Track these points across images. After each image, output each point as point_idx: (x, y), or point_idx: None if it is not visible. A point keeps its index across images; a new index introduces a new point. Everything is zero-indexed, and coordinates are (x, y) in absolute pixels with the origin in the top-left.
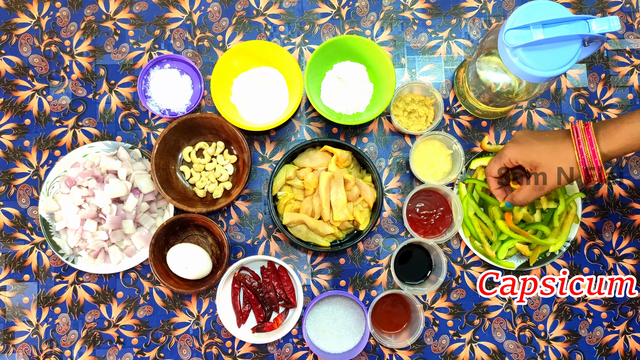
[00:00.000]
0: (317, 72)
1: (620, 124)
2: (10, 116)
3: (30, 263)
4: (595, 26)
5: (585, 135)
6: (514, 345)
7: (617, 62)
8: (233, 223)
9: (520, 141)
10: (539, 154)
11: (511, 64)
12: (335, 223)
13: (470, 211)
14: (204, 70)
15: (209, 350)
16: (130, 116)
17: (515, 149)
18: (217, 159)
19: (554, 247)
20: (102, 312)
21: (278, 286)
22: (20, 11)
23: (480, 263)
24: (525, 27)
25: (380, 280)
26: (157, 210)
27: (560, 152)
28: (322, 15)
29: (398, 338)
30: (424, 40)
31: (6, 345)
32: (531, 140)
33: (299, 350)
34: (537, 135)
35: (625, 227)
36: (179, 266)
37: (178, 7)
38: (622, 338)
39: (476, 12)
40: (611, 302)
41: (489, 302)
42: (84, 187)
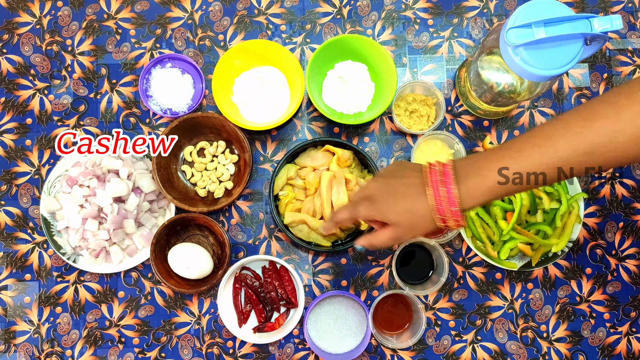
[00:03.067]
0: (318, 71)
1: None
2: (12, 115)
3: (32, 262)
4: (597, 25)
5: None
6: (516, 346)
7: (620, 61)
8: (234, 223)
9: (376, 199)
10: (396, 215)
11: (513, 63)
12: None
13: (472, 211)
14: (205, 69)
15: (210, 350)
16: (132, 115)
17: (371, 208)
18: (219, 158)
19: (556, 247)
20: (104, 311)
21: (279, 286)
22: (22, 10)
23: (482, 263)
24: (527, 26)
25: (381, 280)
26: (158, 209)
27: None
28: (323, 14)
29: (399, 338)
30: (425, 39)
31: (7, 344)
32: (387, 198)
33: (300, 350)
34: (393, 190)
35: (628, 227)
36: (180, 266)
37: (179, 6)
38: (625, 339)
39: (478, 11)
40: (614, 302)
41: (491, 302)
42: (85, 186)
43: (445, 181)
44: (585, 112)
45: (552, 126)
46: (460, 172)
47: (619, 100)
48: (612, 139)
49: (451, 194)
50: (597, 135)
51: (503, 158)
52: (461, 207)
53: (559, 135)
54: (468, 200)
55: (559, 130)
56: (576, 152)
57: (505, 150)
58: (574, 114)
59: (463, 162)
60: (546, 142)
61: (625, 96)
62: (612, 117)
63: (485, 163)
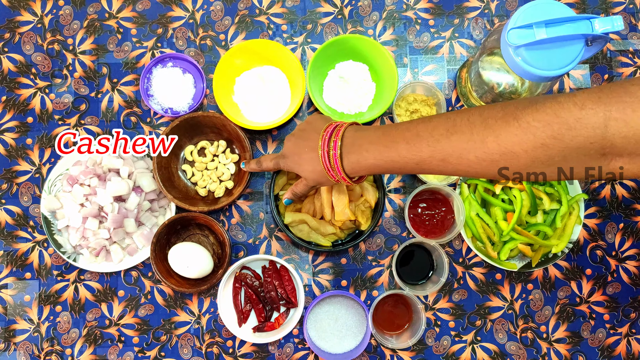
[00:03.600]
0: (319, 71)
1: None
2: (13, 114)
3: (32, 261)
4: (598, 26)
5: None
6: (515, 346)
7: (621, 62)
8: (235, 222)
9: (288, 157)
10: (303, 172)
11: (514, 64)
12: (337, 223)
13: (472, 211)
14: (206, 69)
15: (209, 349)
16: (133, 115)
17: (286, 164)
18: (219, 158)
19: (556, 248)
20: (103, 310)
21: (279, 286)
22: (23, 9)
23: (482, 264)
24: (528, 27)
25: (381, 280)
26: (158, 209)
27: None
28: (324, 14)
29: (399, 339)
30: (426, 40)
31: (7, 343)
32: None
33: (300, 350)
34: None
35: (629, 228)
36: (180, 265)
37: (181, 5)
38: (624, 340)
39: (479, 12)
40: (614, 303)
41: (491, 303)
42: (86, 185)
43: (333, 153)
44: (449, 123)
45: (423, 126)
46: (346, 145)
47: (475, 121)
48: (462, 155)
49: (337, 164)
50: (451, 147)
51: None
52: (347, 174)
53: (424, 138)
54: (351, 171)
55: (425, 133)
56: (432, 157)
57: (385, 135)
58: (441, 122)
59: (351, 137)
60: (414, 140)
61: (480, 118)
62: (466, 134)
63: (366, 144)
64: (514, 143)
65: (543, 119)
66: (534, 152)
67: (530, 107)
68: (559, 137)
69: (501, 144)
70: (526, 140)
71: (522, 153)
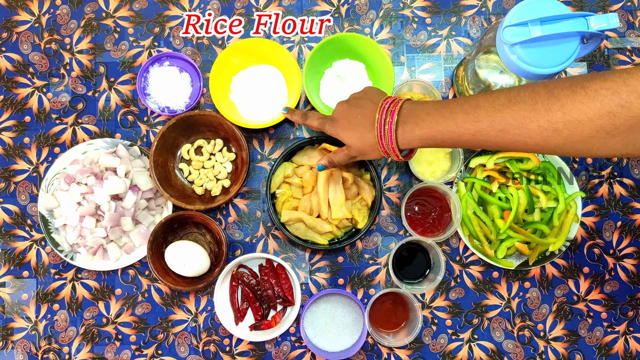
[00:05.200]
0: (316, 70)
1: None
2: (11, 113)
3: (30, 260)
4: (593, 23)
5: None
6: (512, 345)
7: (618, 60)
8: (231, 221)
9: (337, 122)
10: (349, 138)
11: (509, 62)
12: (334, 221)
13: (469, 210)
14: (203, 68)
15: (206, 347)
16: (130, 114)
17: (333, 128)
18: (216, 156)
19: (553, 246)
20: (101, 309)
21: (276, 284)
22: (20, 9)
23: (479, 262)
24: (523, 24)
25: (378, 278)
26: (155, 207)
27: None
28: (321, 13)
29: (396, 337)
30: (423, 38)
31: (5, 341)
32: (345, 123)
33: (297, 348)
34: (351, 116)
35: (626, 226)
36: (177, 263)
37: (178, 5)
38: (622, 338)
39: (476, 10)
40: (611, 302)
41: (488, 301)
42: (83, 184)
43: (389, 121)
44: (511, 94)
45: (484, 98)
46: (403, 115)
47: (540, 91)
48: (523, 124)
49: (390, 133)
50: (512, 116)
51: (437, 115)
52: (398, 146)
53: (484, 108)
54: (403, 142)
55: (486, 103)
56: (491, 127)
57: (443, 107)
58: (504, 93)
59: (409, 107)
60: (474, 110)
61: (546, 89)
62: (529, 103)
63: (423, 114)
64: (579, 111)
65: (611, 87)
66: (600, 120)
67: (598, 77)
68: (626, 105)
69: (566, 112)
70: (592, 107)
71: (587, 121)
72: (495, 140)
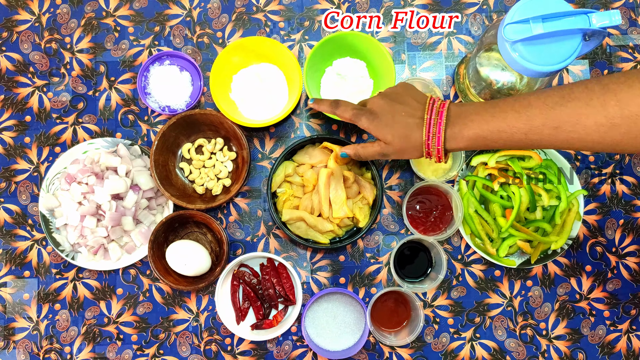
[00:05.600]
0: (316, 68)
1: (464, 127)
2: (11, 113)
3: (31, 259)
4: (595, 20)
5: (436, 131)
6: (515, 343)
7: (620, 58)
8: (232, 220)
9: (378, 116)
10: (392, 136)
11: (511, 59)
12: (335, 220)
13: (470, 208)
14: (203, 66)
15: (208, 347)
16: (130, 113)
17: (371, 122)
18: (217, 155)
19: (555, 244)
20: (102, 308)
21: (277, 283)
22: (20, 8)
23: (481, 261)
24: (524, 22)
25: (380, 277)
26: (156, 207)
27: (410, 141)
28: (321, 11)
29: (398, 336)
30: (424, 36)
31: (6, 341)
32: (388, 119)
33: (298, 347)
34: (394, 112)
35: (629, 224)
36: (178, 263)
37: (178, 3)
38: (625, 337)
39: (477, 7)
40: (614, 300)
41: (490, 300)
42: (84, 183)
43: (438, 121)
44: (564, 91)
45: (535, 97)
46: (451, 115)
47: (594, 87)
48: (579, 120)
49: (439, 134)
50: (566, 113)
51: (486, 115)
52: (444, 146)
53: (537, 106)
54: (452, 143)
55: (538, 102)
56: (545, 125)
57: (492, 107)
58: (555, 90)
59: (456, 109)
60: (525, 109)
61: (600, 84)
62: (583, 100)
63: (472, 115)
64: (637, 105)
65: None
66: None
67: None
68: None
69: (623, 107)
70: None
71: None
72: (549, 139)
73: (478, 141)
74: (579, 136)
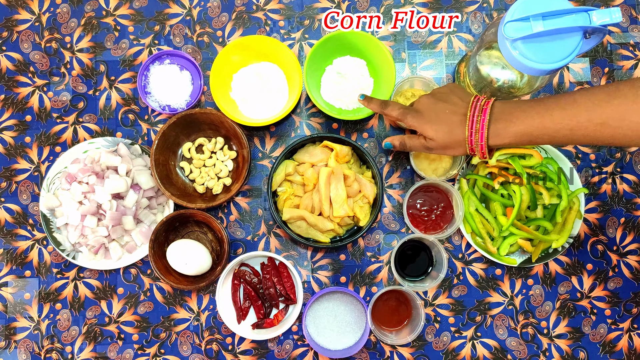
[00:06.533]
0: (316, 67)
1: (509, 123)
2: (11, 112)
3: (32, 259)
4: (596, 18)
5: (479, 128)
6: (516, 342)
7: (621, 55)
8: (233, 219)
9: (423, 114)
10: (435, 132)
11: (511, 57)
12: (335, 219)
13: (471, 207)
14: (203, 65)
15: (209, 346)
16: (130, 112)
17: (417, 120)
18: (217, 154)
19: (556, 243)
20: (103, 308)
21: (278, 282)
22: (20, 8)
23: (481, 259)
24: (525, 19)
25: (380, 276)
26: (157, 206)
27: (454, 137)
28: (322, 10)
29: (399, 335)
30: (424, 34)
31: (8, 341)
32: (432, 116)
33: (299, 346)
34: (438, 110)
35: (630, 223)
36: (179, 262)
37: (178, 2)
38: (626, 335)
39: (477, 5)
40: (615, 299)
41: (491, 298)
42: (84, 183)
43: (482, 118)
44: (610, 89)
45: (580, 94)
46: (495, 112)
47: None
48: (625, 117)
49: (482, 130)
50: (612, 110)
51: (532, 112)
52: (488, 143)
53: (582, 103)
54: (495, 139)
55: (583, 98)
56: (590, 121)
57: (538, 104)
58: (601, 88)
59: (500, 105)
60: (571, 106)
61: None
62: (630, 97)
63: (517, 112)
64: None
65: None
66: None
67: None
68: None
69: None
70: None
71: None
72: (595, 135)
73: (523, 137)
74: (624, 132)
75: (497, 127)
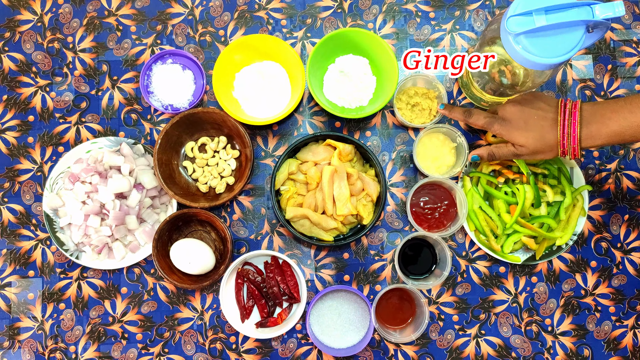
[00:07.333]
0: (319, 65)
1: (602, 125)
2: (14, 113)
3: (35, 259)
4: (599, 12)
5: (570, 131)
6: (520, 340)
7: (624, 52)
8: (236, 218)
9: (510, 122)
10: (525, 139)
11: (514, 52)
12: (339, 217)
13: (475, 204)
14: (206, 65)
15: (213, 345)
16: (133, 112)
17: (504, 128)
18: (220, 153)
19: (560, 240)
20: (107, 307)
21: (282, 281)
22: (23, 8)
23: (485, 257)
24: (527, 14)
25: (384, 274)
26: (160, 205)
27: (545, 142)
28: (324, 8)
29: (403, 333)
30: (427, 32)
31: (12, 341)
32: (520, 123)
33: (303, 345)
34: (527, 117)
35: (634, 220)
36: (183, 261)
37: (180, 2)
38: (631, 332)
39: (480, 3)
40: (619, 296)
41: (495, 296)
42: (88, 183)
43: (572, 121)
44: None
45: None
46: (585, 115)
47: None
48: None
49: (574, 133)
50: None
51: (624, 111)
52: (581, 145)
53: None
54: (588, 141)
55: None
56: None
57: (628, 103)
58: None
59: (589, 107)
60: None
61: None
62: None
63: (608, 113)
64: None
65: None
66: None
67: None
68: None
69: None
70: None
71: None
72: None
73: (615, 138)
74: None
75: (590, 129)
